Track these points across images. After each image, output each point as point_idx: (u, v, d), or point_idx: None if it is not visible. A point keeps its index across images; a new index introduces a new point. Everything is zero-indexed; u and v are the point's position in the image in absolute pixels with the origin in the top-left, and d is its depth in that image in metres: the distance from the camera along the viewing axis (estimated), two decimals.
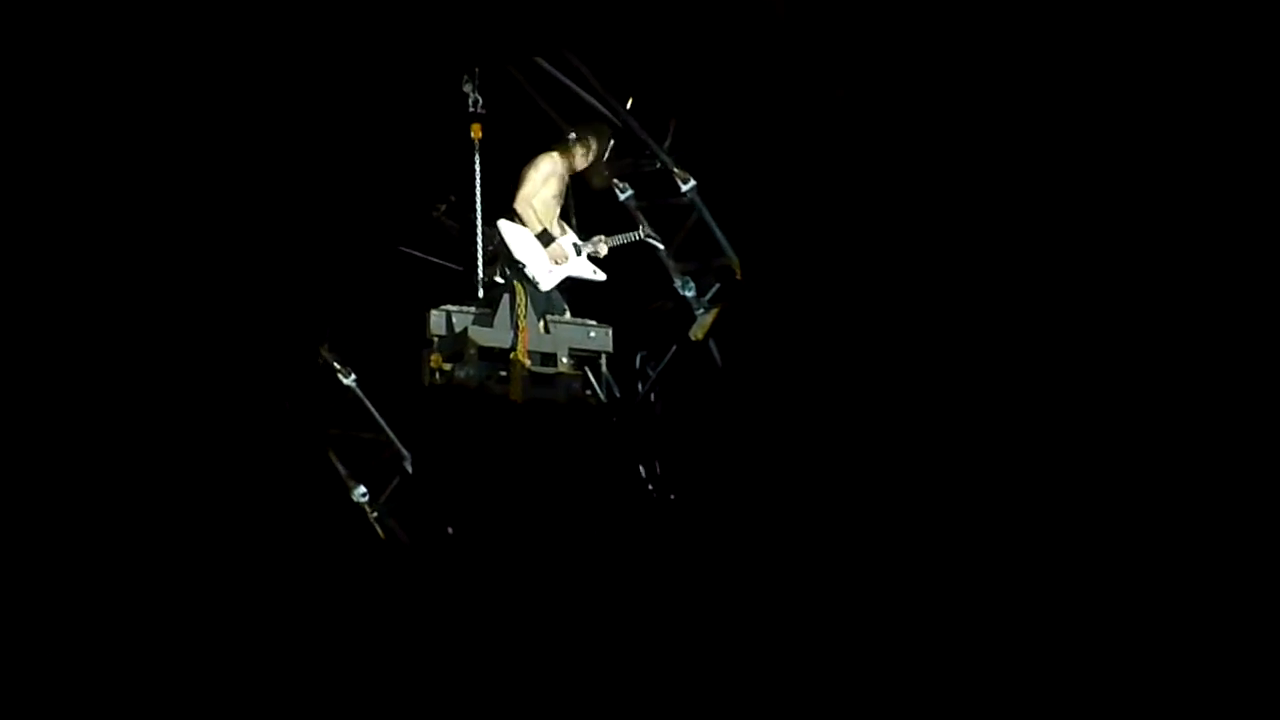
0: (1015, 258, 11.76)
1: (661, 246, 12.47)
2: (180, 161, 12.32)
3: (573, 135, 12.41)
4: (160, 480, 12.04)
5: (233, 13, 12.21)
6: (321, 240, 12.49)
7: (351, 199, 12.55)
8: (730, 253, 12.44)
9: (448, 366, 12.22)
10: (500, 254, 12.33)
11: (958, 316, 12.00)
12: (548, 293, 12.35)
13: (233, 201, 12.42)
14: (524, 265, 12.26)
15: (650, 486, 12.31)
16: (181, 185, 12.32)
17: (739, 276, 12.42)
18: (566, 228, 12.50)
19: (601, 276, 12.46)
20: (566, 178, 12.47)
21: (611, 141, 12.46)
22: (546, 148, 12.46)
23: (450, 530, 12.29)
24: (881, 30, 12.25)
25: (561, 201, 12.47)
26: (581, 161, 12.46)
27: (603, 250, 12.48)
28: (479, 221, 12.33)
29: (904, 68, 12.21)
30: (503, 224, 12.31)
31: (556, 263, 12.33)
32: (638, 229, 12.50)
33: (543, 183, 12.41)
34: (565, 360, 12.33)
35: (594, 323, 12.42)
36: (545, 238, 12.31)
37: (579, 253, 12.42)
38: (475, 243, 12.37)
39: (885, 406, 12.21)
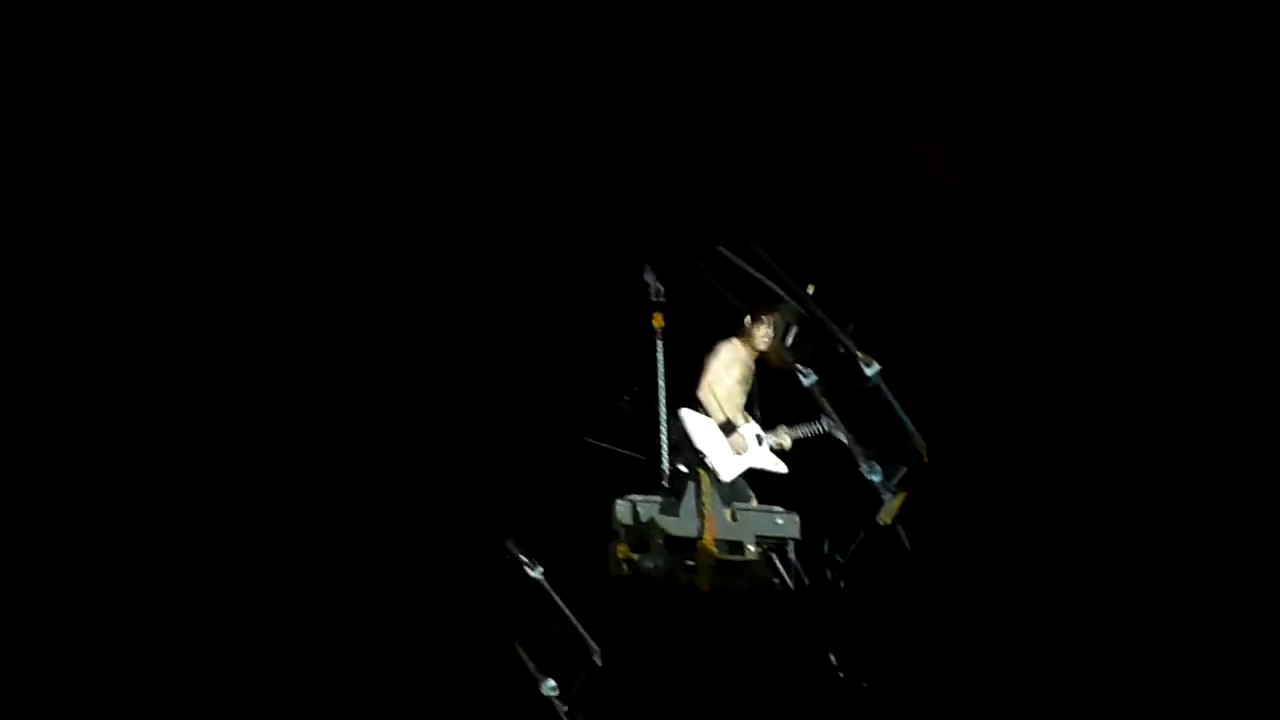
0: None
1: (844, 438, 12.36)
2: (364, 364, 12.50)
3: (749, 318, 12.38)
4: (354, 679, 12.07)
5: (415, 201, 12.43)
6: (508, 432, 12.53)
7: (537, 390, 12.60)
8: (916, 436, 12.32)
9: (635, 557, 12.18)
10: (683, 443, 12.30)
11: (1141, 492, 11.97)
12: (735, 481, 12.29)
13: (419, 387, 12.54)
14: (705, 455, 12.22)
15: (841, 674, 12.14)
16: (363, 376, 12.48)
17: (926, 460, 12.30)
18: (750, 418, 12.45)
19: (783, 469, 12.39)
20: (750, 365, 12.44)
21: (794, 323, 12.41)
22: (728, 336, 12.45)
23: None
24: (1067, 215, 12.28)
25: (746, 389, 12.44)
26: (763, 344, 12.41)
27: (786, 442, 12.43)
28: (663, 410, 12.31)
29: (1088, 250, 12.22)
30: (685, 413, 12.29)
31: (738, 453, 12.28)
32: (819, 420, 12.41)
33: (725, 370, 12.40)
34: (752, 548, 12.24)
35: (780, 509, 12.32)
36: (728, 428, 12.28)
37: (761, 443, 12.36)
38: (659, 432, 12.34)
39: (1075, 592, 12.09)
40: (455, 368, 12.58)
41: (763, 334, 12.38)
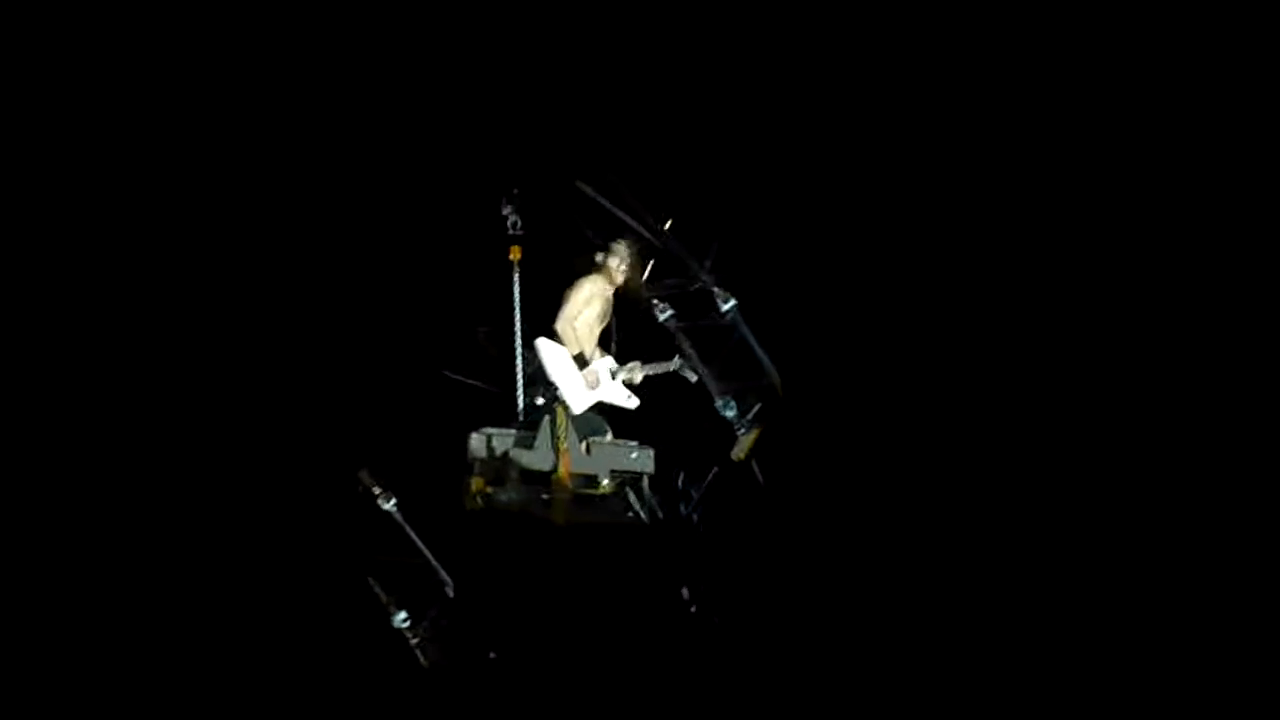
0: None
1: (695, 378, 12.35)
2: (222, 281, 12.39)
3: (600, 256, 12.34)
4: (193, 605, 12.01)
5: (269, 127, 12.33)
6: (361, 363, 12.47)
7: (391, 321, 12.53)
8: (772, 371, 12.35)
9: (490, 490, 12.15)
10: (538, 375, 12.27)
11: (1002, 419, 12.04)
12: (589, 414, 12.27)
13: (275, 322, 12.45)
14: (558, 387, 12.19)
15: (693, 608, 12.18)
16: (224, 304, 12.39)
17: (780, 395, 12.33)
18: (604, 352, 12.43)
19: (635, 403, 12.36)
20: (609, 300, 12.40)
21: (651, 259, 12.39)
22: (588, 269, 12.40)
23: (492, 656, 12.16)
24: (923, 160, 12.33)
25: (604, 323, 12.40)
26: (620, 277, 12.37)
27: (637, 377, 12.39)
28: (519, 344, 12.28)
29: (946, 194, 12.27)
30: (541, 343, 12.25)
31: (591, 387, 12.25)
32: (674, 359, 12.38)
33: (585, 304, 12.34)
34: (607, 482, 12.24)
35: (635, 444, 12.32)
36: (581, 360, 12.24)
37: (614, 377, 12.33)
38: (515, 365, 12.31)
39: (933, 523, 12.16)
40: (312, 298, 12.48)
41: (618, 267, 12.34)
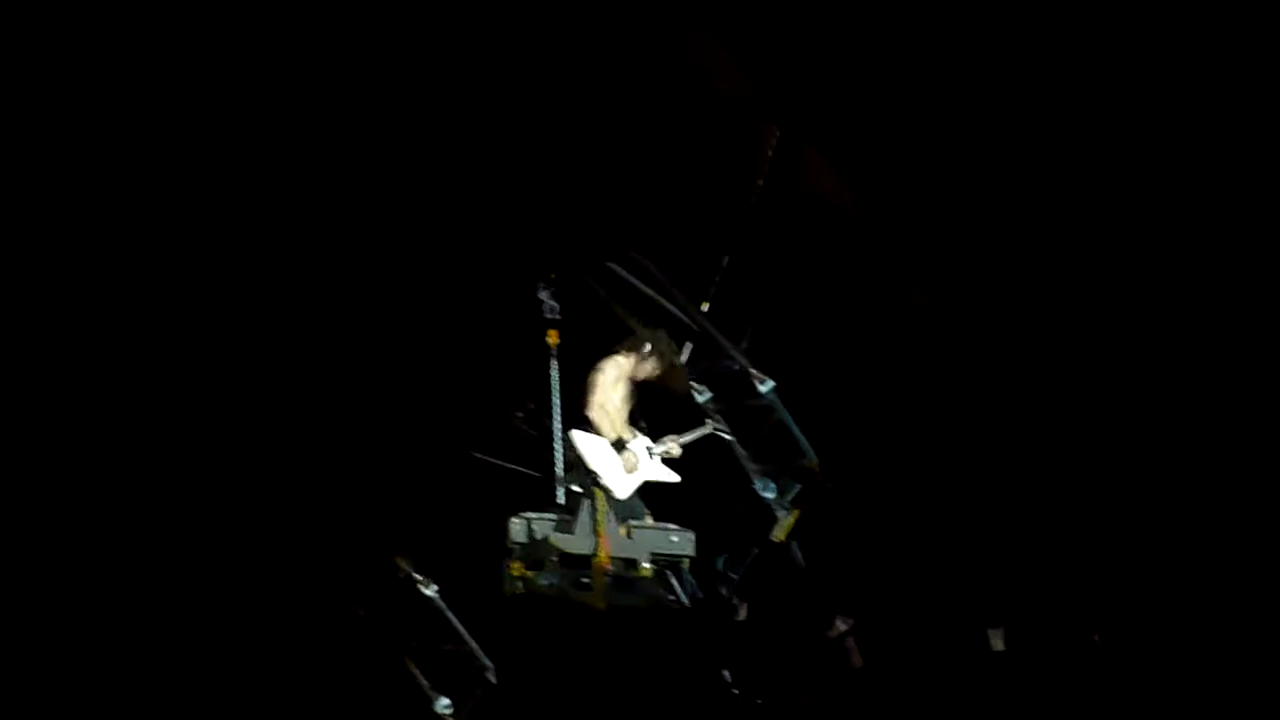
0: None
1: (731, 438, 12.39)
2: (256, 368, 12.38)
3: (639, 342, 12.37)
4: (239, 693, 11.93)
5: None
6: (403, 448, 12.45)
7: (429, 406, 12.52)
8: (810, 453, 12.38)
9: (530, 574, 12.13)
10: (576, 466, 12.27)
11: (1043, 508, 12.09)
12: (628, 499, 12.28)
13: (313, 401, 12.43)
14: (599, 475, 12.20)
15: (735, 691, 12.16)
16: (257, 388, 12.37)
17: (819, 477, 12.36)
18: (637, 432, 12.46)
19: (675, 478, 12.38)
20: (632, 380, 12.42)
21: (689, 346, 12.44)
22: (608, 352, 12.42)
23: None
24: (956, 235, 12.41)
25: (631, 404, 12.42)
26: (647, 364, 12.38)
27: (675, 451, 12.41)
28: (557, 427, 12.29)
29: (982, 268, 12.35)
30: (576, 434, 12.24)
31: (631, 471, 12.27)
32: (705, 424, 12.42)
33: (612, 388, 12.37)
34: (647, 565, 12.23)
35: (675, 527, 12.33)
36: (620, 445, 12.25)
37: (651, 455, 12.35)
38: (554, 449, 12.31)
39: (971, 610, 12.19)
40: (349, 383, 12.46)
41: (645, 354, 12.34)
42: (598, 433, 12.27)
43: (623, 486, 12.24)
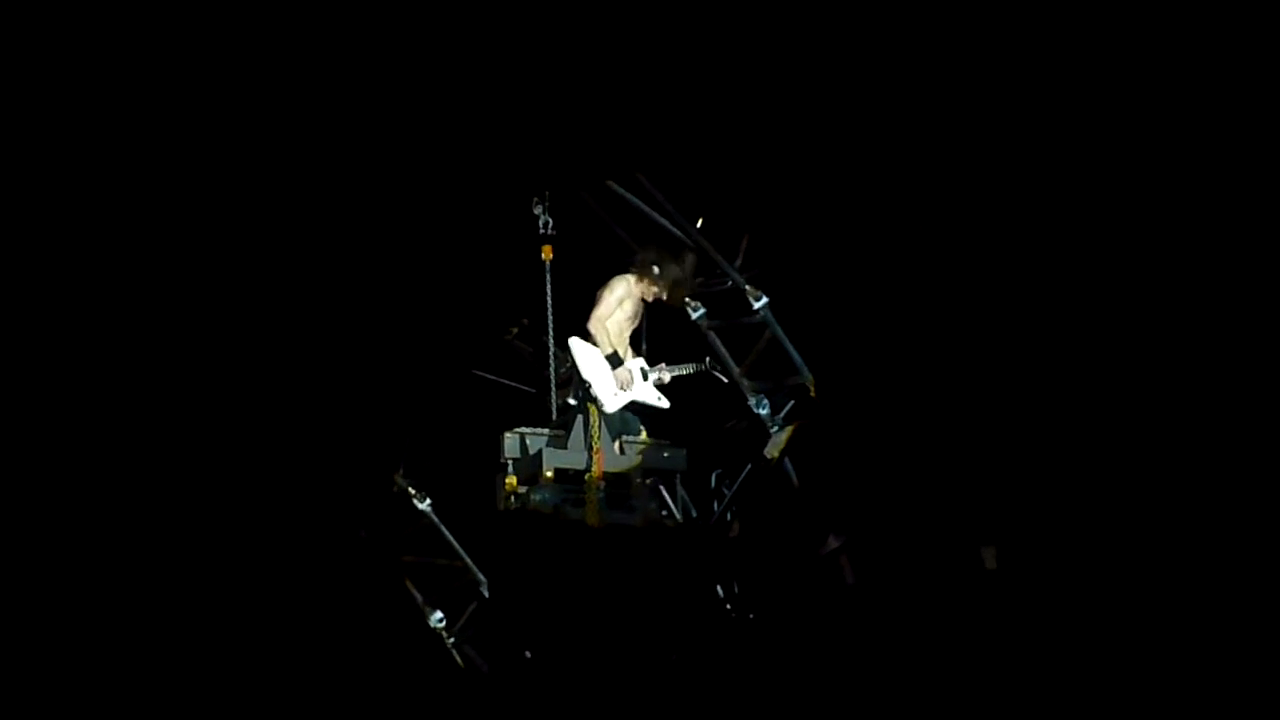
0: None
1: (724, 379, 12.33)
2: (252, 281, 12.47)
3: (649, 264, 12.29)
4: (227, 606, 12.12)
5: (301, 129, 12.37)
6: (394, 365, 12.52)
7: (423, 323, 12.57)
8: (804, 370, 12.29)
9: (523, 490, 12.19)
10: (571, 374, 12.29)
11: (1037, 424, 11.98)
12: (622, 414, 12.29)
13: (311, 325, 12.52)
14: (589, 386, 12.20)
15: (728, 606, 12.18)
16: (253, 304, 12.46)
17: (813, 394, 12.28)
18: (635, 352, 12.44)
19: (665, 404, 12.36)
20: (640, 302, 12.38)
21: (693, 264, 12.34)
22: (622, 270, 12.38)
23: (527, 655, 12.21)
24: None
25: (634, 325, 12.39)
26: (655, 288, 12.34)
27: (665, 378, 12.38)
28: (551, 344, 12.30)
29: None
30: (574, 342, 12.25)
31: (623, 388, 12.25)
32: (704, 360, 12.36)
33: (617, 304, 12.33)
34: (640, 481, 12.26)
35: (668, 443, 12.33)
36: (614, 360, 12.23)
37: (645, 378, 12.33)
38: (547, 365, 12.34)
39: (965, 525, 12.11)
40: (346, 301, 12.54)
41: (659, 276, 12.28)
42: (595, 345, 12.27)
43: (612, 401, 12.24)
